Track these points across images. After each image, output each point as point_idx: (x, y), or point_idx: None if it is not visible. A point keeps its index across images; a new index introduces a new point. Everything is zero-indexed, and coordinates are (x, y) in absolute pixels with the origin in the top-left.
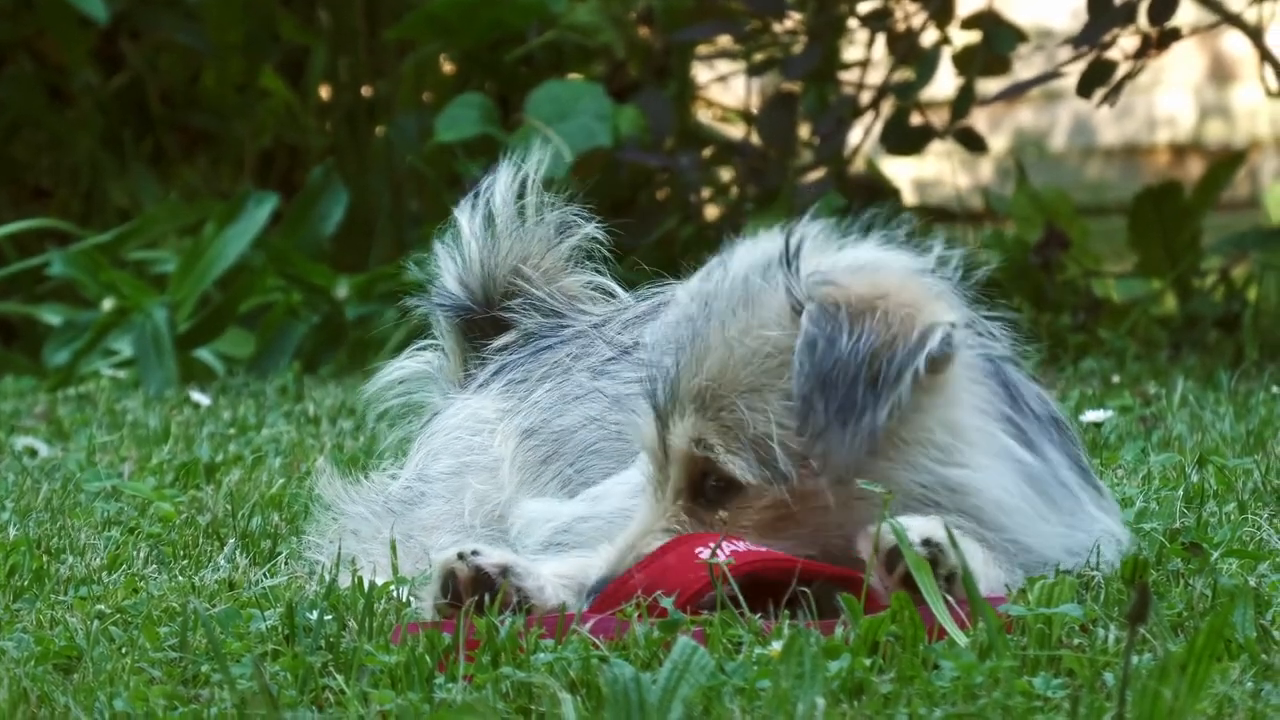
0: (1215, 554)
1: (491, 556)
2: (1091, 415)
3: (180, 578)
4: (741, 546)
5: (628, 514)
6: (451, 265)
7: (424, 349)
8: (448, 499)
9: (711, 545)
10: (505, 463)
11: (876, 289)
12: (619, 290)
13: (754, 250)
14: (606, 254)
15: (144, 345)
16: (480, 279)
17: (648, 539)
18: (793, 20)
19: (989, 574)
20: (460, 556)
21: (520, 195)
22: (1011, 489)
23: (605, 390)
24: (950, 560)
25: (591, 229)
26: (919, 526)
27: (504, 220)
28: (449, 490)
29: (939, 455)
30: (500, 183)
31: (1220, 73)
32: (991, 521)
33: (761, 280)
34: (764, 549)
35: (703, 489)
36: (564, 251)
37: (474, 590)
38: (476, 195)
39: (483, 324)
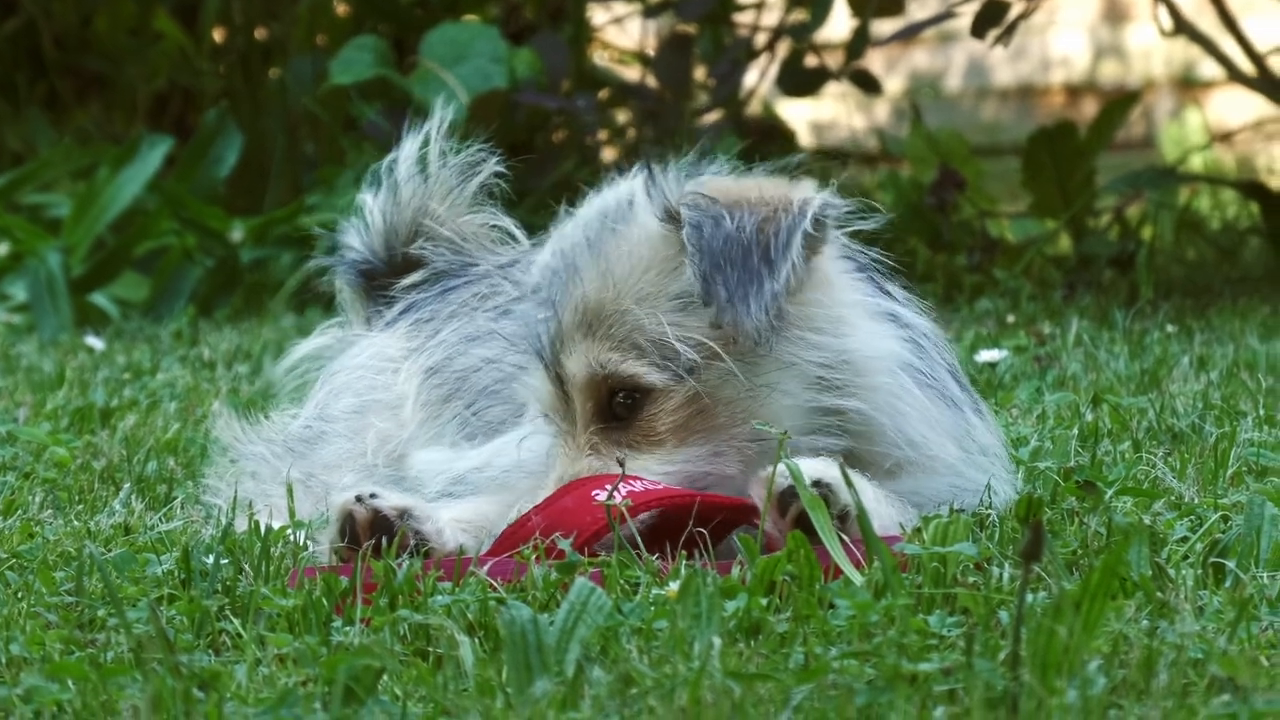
0: (1110, 492)
1: (390, 499)
2: (986, 355)
3: (76, 522)
4: (639, 486)
5: (523, 467)
6: (355, 233)
7: (331, 326)
8: (350, 438)
9: (609, 487)
10: (409, 401)
11: (744, 187)
12: (518, 232)
13: (614, 188)
14: (506, 196)
15: (38, 290)
16: (384, 234)
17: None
18: None
19: (881, 511)
20: (359, 499)
21: (423, 145)
22: (900, 371)
23: (503, 331)
24: (842, 499)
25: (494, 165)
26: (811, 467)
27: (405, 171)
28: (351, 429)
29: (832, 329)
30: (404, 150)
31: (1114, 13)
32: (886, 406)
33: (627, 206)
34: (661, 486)
35: (612, 411)
36: (467, 195)
37: (372, 533)
38: (379, 172)
39: (389, 268)
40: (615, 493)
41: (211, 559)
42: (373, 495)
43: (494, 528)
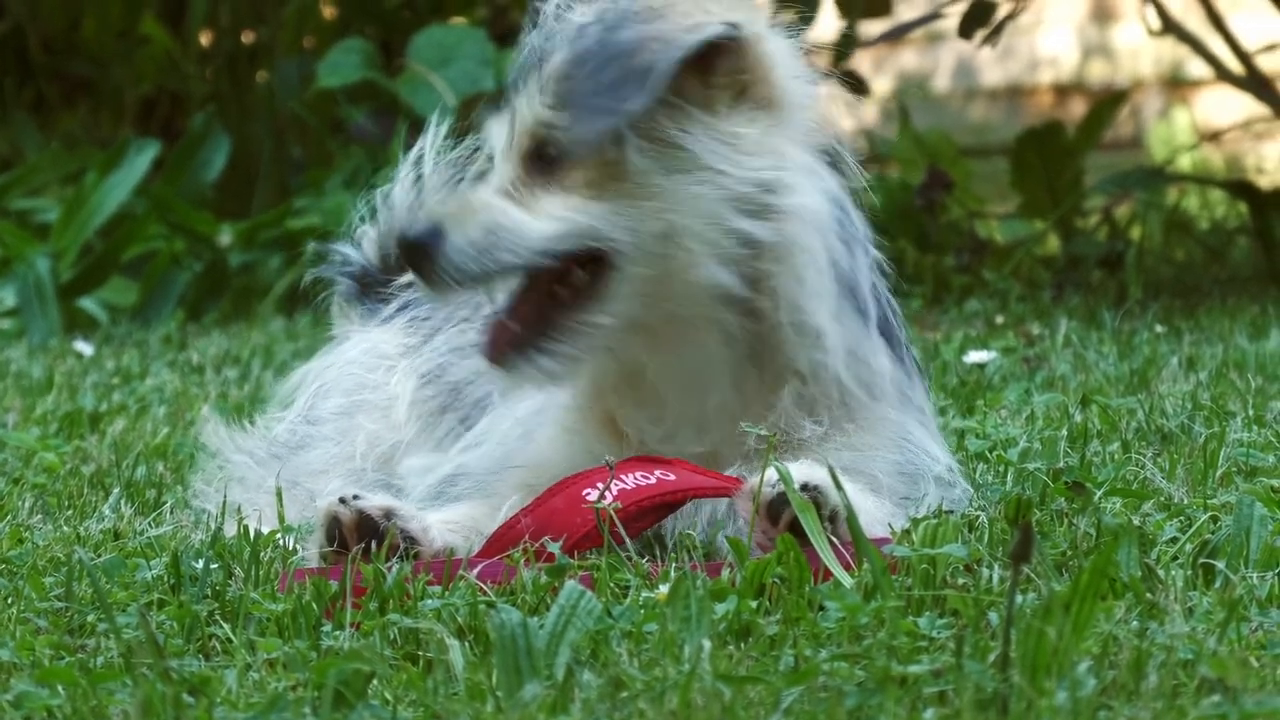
0: (1099, 493)
1: (374, 500)
2: (975, 356)
3: (65, 528)
4: (629, 483)
5: (502, 459)
6: (352, 250)
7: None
8: (337, 441)
9: (600, 486)
10: (403, 403)
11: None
12: None
13: None
14: None
15: (27, 295)
16: (378, 242)
17: (485, 195)
18: None
19: (866, 506)
20: (343, 501)
21: (417, 163)
22: (820, 248)
23: None
24: (831, 500)
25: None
26: (798, 471)
27: (401, 190)
28: (339, 431)
29: (766, 162)
30: (402, 174)
31: (1102, 12)
32: (795, 264)
33: None
34: (651, 482)
35: (540, 156)
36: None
37: (359, 535)
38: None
39: (384, 268)
40: (606, 493)
41: (201, 564)
42: (356, 497)
43: (484, 528)
